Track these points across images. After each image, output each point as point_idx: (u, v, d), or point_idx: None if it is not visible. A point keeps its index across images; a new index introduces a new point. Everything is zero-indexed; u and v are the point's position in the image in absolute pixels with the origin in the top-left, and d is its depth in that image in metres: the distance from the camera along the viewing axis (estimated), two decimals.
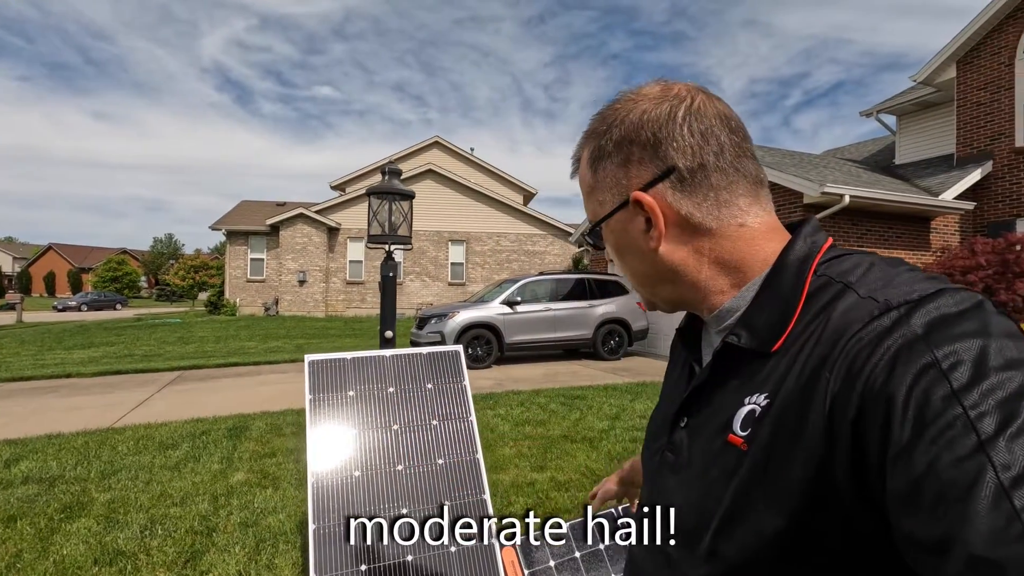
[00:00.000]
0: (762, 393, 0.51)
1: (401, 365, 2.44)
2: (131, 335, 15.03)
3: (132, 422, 5.55)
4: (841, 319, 0.47)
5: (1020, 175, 9.06)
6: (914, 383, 0.39)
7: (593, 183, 0.63)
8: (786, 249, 0.56)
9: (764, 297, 0.55)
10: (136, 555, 2.77)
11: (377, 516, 2.08)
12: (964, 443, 0.36)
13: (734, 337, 0.55)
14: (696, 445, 0.58)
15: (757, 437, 0.50)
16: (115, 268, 51.65)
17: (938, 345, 0.40)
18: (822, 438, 0.45)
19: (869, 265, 0.52)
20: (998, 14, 9.26)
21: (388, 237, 2.44)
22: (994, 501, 0.34)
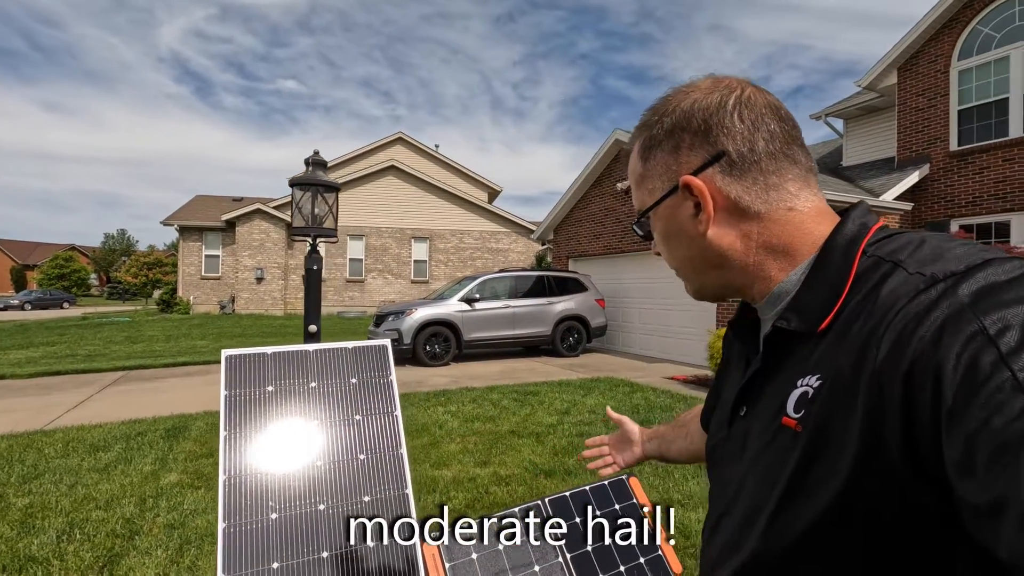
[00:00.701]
0: (814, 375, 0.52)
1: (325, 360, 2.39)
2: (75, 335, 14.39)
3: (65, 424, 5.32)
4: (889, 296, 0.47)
5: (954, 178, 9.52)
6: (962, 350, 0.40)
7: (643, 172, 0.64)
8: (835, 231, 0.56)
9: (813, 279, 0.55)
10: (49, 561, 2.65)
11: (292, 511, 2.04)
12: (1014, 404, 0.36)
13: (783, 321, 0.56)
14: (754, 432, 0.59)
15: (811, 417, 0.50)
16: (62, 265, 49.30)
17: (985, 312, 0.40)
18: (873, 413, 0.45)
19: (920, 242, 0.51)
20: (934, 24, 9.70)
21: (312, 229, 2.40)
22: None
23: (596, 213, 12.37)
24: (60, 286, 46.53)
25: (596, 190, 12.41)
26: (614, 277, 11.98)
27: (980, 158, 9.19)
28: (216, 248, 21.61)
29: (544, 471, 3.87)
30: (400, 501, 2.24)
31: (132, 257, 36.99)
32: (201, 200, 24.35)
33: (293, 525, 2.04)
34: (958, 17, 9.48)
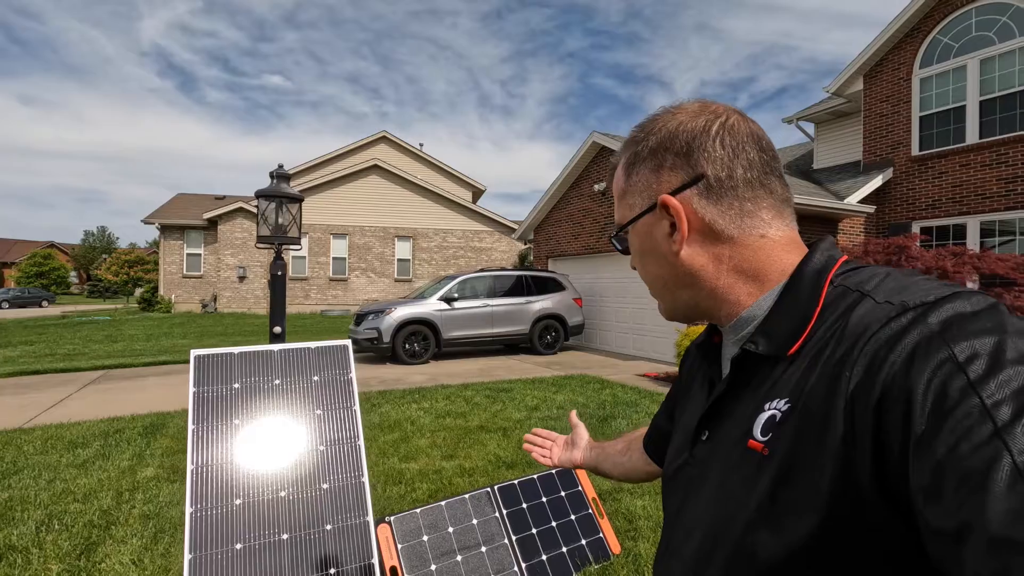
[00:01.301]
0: (782, 398, 0.52)
1: (289, 359, 2.58)
2: (54, 334, 14.32)
3: (44, 422, 5.43)
4: (859, 322, 0.48)
5: (915, 181, 9.89)
6: (932, 376, 0.40)
7: (625, 187, 0.65)
8: (804, 261, 0.58)
9: (782, 305, 0.57)
10: (28, 550, 2.81)
11: (255, 498, 2.23)
12: (981, 431, 0.37)
13: (752, 344, 0.57)
14: (717, 455, 0.59)
15: (778, 441, 0.50)
16: (41, 263, 48.55)
17: (954, 340, 0.41)
18: (844, 438, 0.45)
19: (885, 275, 0.53)
20: (898, 32, 10.05)
21: (276, 238, 2.58)
22: (1011, 483, 0.34)
23: (575, 213, 12.60)
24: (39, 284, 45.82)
25: (575, 191, 12.64)
26: (592, 276, 12.23)
27: (939, 163, 9.56)
28: (198, 247, 21.53)
29: (507, 463, 4.08)
30: (357, 488, 2.45)
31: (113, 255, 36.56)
32: (183, 198, 24.21)
33: (256, 510, 2.25)
34: (920, 27, 9.84)
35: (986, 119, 9.01)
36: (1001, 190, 8.76)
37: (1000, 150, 8.77)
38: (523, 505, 2.73)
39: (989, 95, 8.96)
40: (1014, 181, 8.61)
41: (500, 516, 2.65)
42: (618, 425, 5.21)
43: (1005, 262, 6.87)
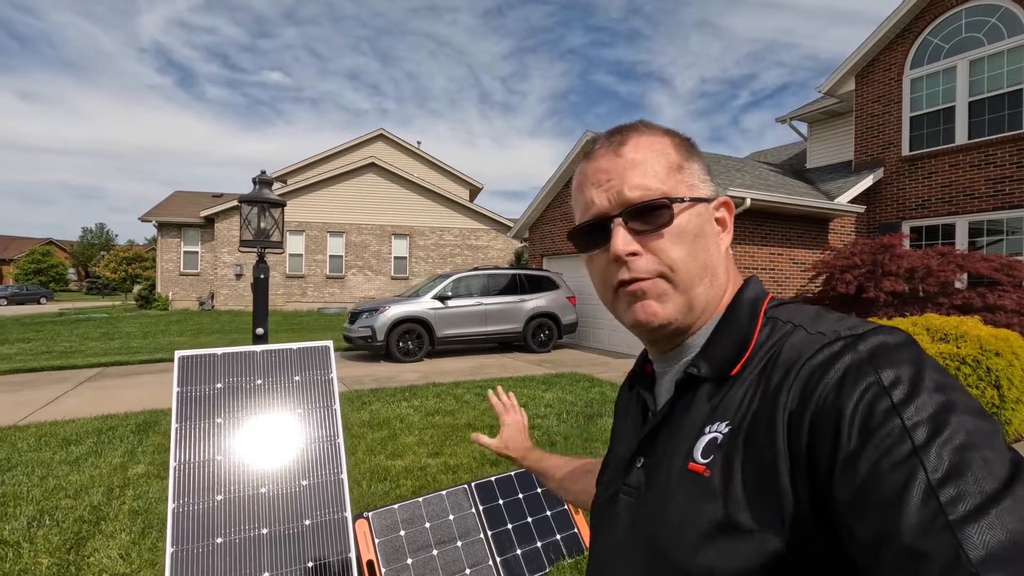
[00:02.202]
0: (723, 421, 0.54)
1: (271, 360, 2.66)
2: (51, 331, 14.39)
3: (39, 420, 5.51)
4: (793, 350, 0.53)
5: (905, 181, 9.97)
6: (860, 397, 0.44)
7: (681, 164, 0.64)
8: (739, 293, 0.64)
9: (722, 333, 0.61)
10: (19, 544, 2.89)
11: (236, 494, 2.31)
12: (901, 449, 0.41)
13: (694, 368, 0.59)
14: (655, 481, 0.60)
15: (719, 463, 0.52)
16: (39, 260, 48.56)
17: (881, 367, 0.45)
18: (783, 459, 0.47)
19: (809, 311, 0.58)
20: (889, 33, 10.11)
21: (259, 242, 2.66)
22: (924, 498, 0.38)
23: (569, 212, 12.62)
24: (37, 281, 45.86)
25: (569, 189, 12.70)
26: (586, 275, 12.27)
27: (929, 163, 9.64)
28: (195, 244, 21.58)
29: (491, 461, 4.16)
30: (336, 484, 2.53)
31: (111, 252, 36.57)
32: (180, 196, 24.26)
33: (237, 506, 2.33)
34: (911, 27, 9.90)
35: (975, 120, 9.09)
36: (989, 190, 8.84)
37: (989, 151, 8.85)
38: (499, 501, 2.82)
39: (978, 96, 9.03)
40: (1002, 182, 8.69)
41: (477, 512, 2.73)
42: (604, 424, 5.30)
43: (989, 262, 6.95)
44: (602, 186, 0.62)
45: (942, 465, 0.39)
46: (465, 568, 2.57)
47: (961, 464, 0.39)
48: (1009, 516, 0.36)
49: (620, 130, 0.65)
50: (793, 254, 9.57)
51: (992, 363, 4.43)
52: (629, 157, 0.62)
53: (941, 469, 0.39)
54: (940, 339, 4.79)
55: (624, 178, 0.61)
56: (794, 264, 9.55)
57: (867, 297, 6.89)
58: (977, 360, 4.46)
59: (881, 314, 6.72)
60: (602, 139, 0.65)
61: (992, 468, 0.39)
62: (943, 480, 0.38)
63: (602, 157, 0.63)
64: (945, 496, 0.38)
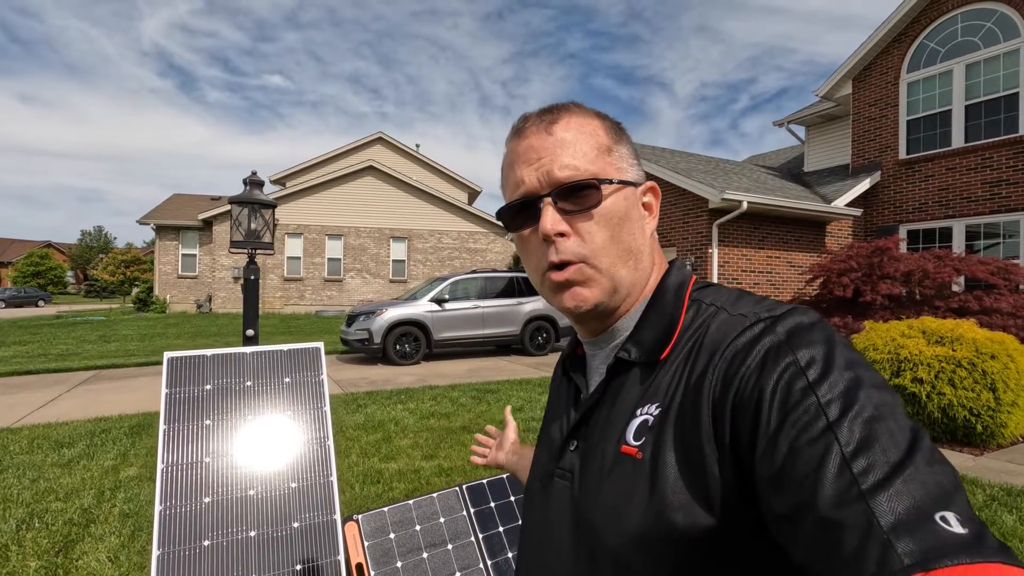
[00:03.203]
0: (653, 403, 0.56)
1: (261, 361, 2.65)
2: (48, 334, 14.35)
3: (33, 422, 5.48)
4: (717, 332, 0.55)
5: (902, 185, 9.98)
6: (779, 377, 0.46)
7: (610, 145, 0.64)
8: (664, 277, 0.65)
9: (650, 317, 0.62)
10: (8, 547, 2.87)
11: (224, 496, 2.30)
12: (817, 425, 0.43)
13: (625, 353, 0.61)
14: (589, 464, 0.60)
15: (651, 445, 0.53)
16: (38, 262, 48.51)
17: (797, 348, 0.48)
18: (709, 440, 0.49)
19: (730, 293, 0.61)
20: (885, 37, 10.14)
21: (249, 243, 2.64)
22: (839, 470, 0.40)
23: None
24: (36, 284, 45.80)
25: None
26: None
27: (926, 166, 9.66)
28: (193, 247, 21.57)
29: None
30: (325, 487, 2.51)
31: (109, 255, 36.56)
32: (178, 199, 24.25)
33: (225, 508, 2.31)
34: (907, 32, 9.93)
35: (971, 123, 9.11)
36: (986, 193, 8.85)
37: (985, 154, 8.86)
38: (491, 504, 2.80)
39: (974, 100, 9.06)
40: (998, 185, 8.70)
41: (468, 514, 2.72)
42: None
43: (986, 265, 6.95)
44: (532, 164, 0.61)
45: (854, 438, 0.41)
46: (455, 571, 2.55)
47: (870, 436, 0.41)
48: (913, 483, 0.38)
49: (552, 109, 0.64)
50: (790, 257, 9.58)
51: (988, 366, 4.42)
52: (559, 136, 0.61)
53: (853, 442, 0.41)
54: (936, 342, 4.78)
55: (554, 157, 0.60)
56: (791, 267, 9.55)
57: (864, 300, 6.89)
58: (973, 363, 4.45)
59: (878, 316, 6.71)
60: (533, 117, 0.64)
61: (895, 438, 0.41)
62: (855, 452, 0.40)
63: (533, 135, 0.62)
64: (857, 467, 0.39)
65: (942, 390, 4.46)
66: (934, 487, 0.38)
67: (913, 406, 4.60)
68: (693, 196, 9.09)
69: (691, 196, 9.13)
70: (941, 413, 4.51)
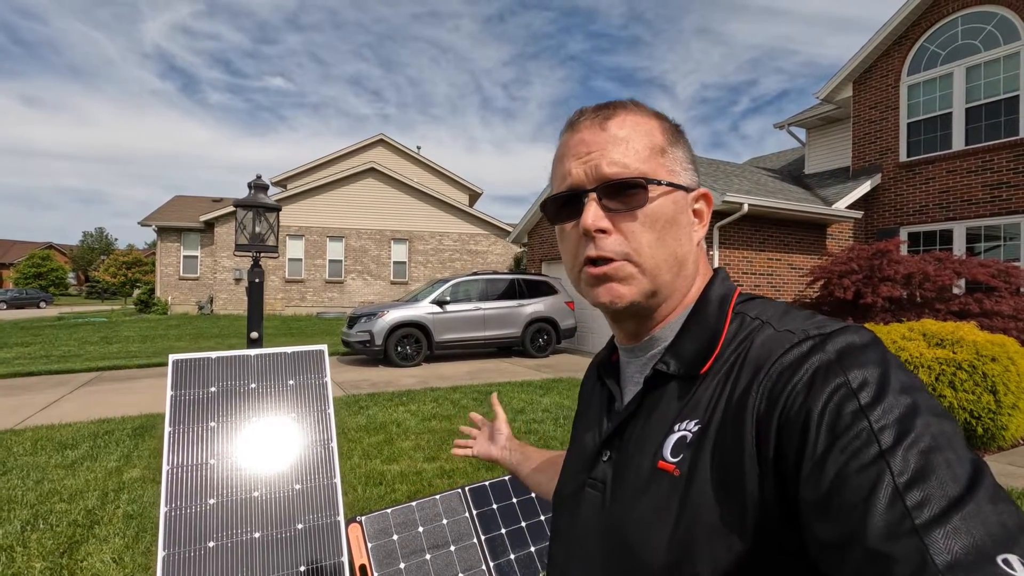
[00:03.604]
0: (692, 419, 0.54)
1: (265, 363, 2.67)
2: (50, 335, 14.38)
3: (36, 424, 5.50)
4: (762, 347, 0.52)
5: (903, 187, 10.00)
6: (829, 399, 0.44)
7: (664, 147, 0.62)
8: (708, 287, 0.63)
9: (691, 328, 0.60)
10: (13, 548, 2.89)
11: (228, 498, 2.31)
12: (868, 452, 0.41)
13: (663, 365, 0.58)
14: (623, 477, 0.59)
15: (689, 462, 0.52)
16: (39, 264, 48.59)
17: (849, 368, 0.45)
18: (751, 460, 0.47)
19: (781, 307, 0.58)
20: (886, 40, 10.16)
21: (254, 246, 2.67)
22: (890, 501, 0.38)
23: None
24: (37, 285, 45.86)
25: None
26: None
27: (926, 169, 9.67)
28: (195, 249, 21.61)
29: (487, 466, 4.15)
30: (329, 489, 2.53)
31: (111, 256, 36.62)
32: (180, 200, 24.31)
33: (229, 510, 2.33)
34: (908, 34, 9.95)
35: (972, 126, 9.12)
36: (986, 196, 8.86)
37: (985, 157, 8.88)
38: (494, 506, 2.81)
39: (975, 102, 9.07)
40: (999, 187, 8.72)
41: (470, 516, 2.73)
42: None
43: (987, 268, 6.96)
44: (581, 158, 0.61)
45: (908, 468, 0.39)
46: (458, 572, 2.56)
47: (926, 467, 0.39)
48: (973, 521, 0.36)
49: (609, 105, 0.63)
50: (791, 259, 9.59)
51: (988, 368, 4.43)
52: (613, 132, 0.60)
53: (907, 472, 0.39)
54: (936, 344, 4.79)
55: (604, 153, 0.59)
56: (792, 269, 9.57)
57: (865, 302, 6.90)
58: (973, 365, 4.47)
59: (878, 319, 6.73)
60: (589, 112, 0.63)
61: (955, 471, 0.39)
62: (909, 483, 0.38)
63: (586, 129, 0.61)
64: (911, 500, 0.38)
65: (942, 392, 4.48)
66: (997, 527, 0.36)
67: None
68: None
69: None
70: None
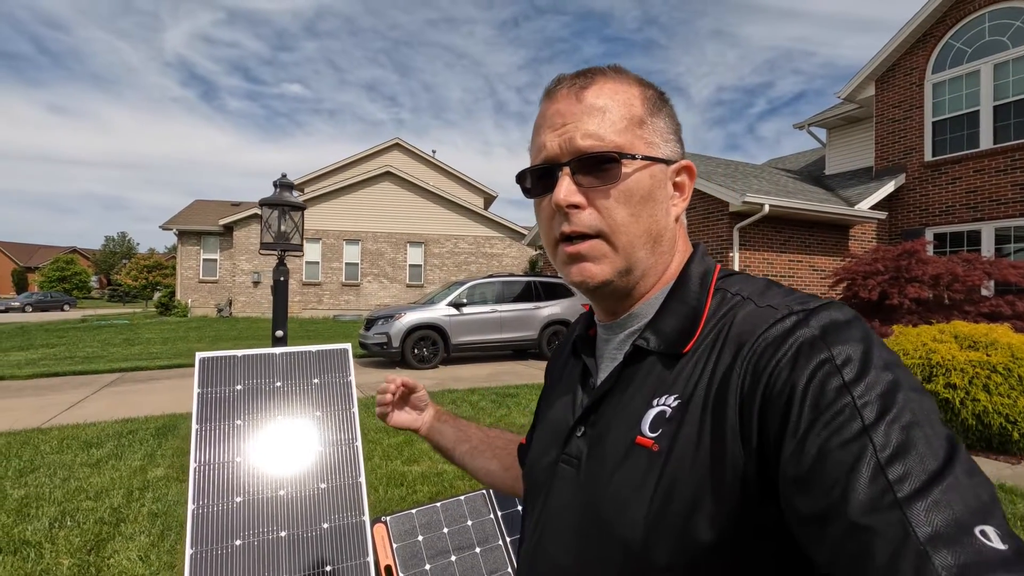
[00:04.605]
0: (672, 395, 0.53)
1: (290, 362, 2.66)
2: (74, 337, 14.65)
3: (62, 423, 5.58)
4: (744, 323, 0.51)
5: (928, 187, 9.79)
6: (813, 374, 0.44)
7: (643, 117, 0.59)
8: (688, 263, 0.62)
9: (672, 305, 0.58)
10: (41, 544, 2.91)
11: (255, 496, 2.31)
12: (851, 427, 0.41)
13: (643, 341, 0.57)
14: (598, 452, 0.57)
15: (669, 437, 0.51)
16: (64, 267, 49.67)
17: (832, 344, 0.45)
18: (734, 436, 0.47)
19: (762, 283, 0.57)
20: (909, 38, 9.99)
21: (279, 244, 2.67)
22: (873, 475, 0.38)
23: None
24: (61, 288, 46.86)
25: None
26: None
27: (953, 168, 9.46)
28: (214, 252, 21.91)
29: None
30: (354, 488, 2.51)
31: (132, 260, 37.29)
32: (200, 205, 24.68)
33: (256, 508, 2.32)
34: (932, 32, 9.77)
35: (1000, 124, 8.92)
36: (1016, 196, 8.65)
37: (1015, 155, 8.67)
38: (518, 508, 2.77)
39: (1003, 100, 8.87)
40: None
41: (495, 518, 2.70)
42: None
43: (1017, 269, 6.78)
44: (556, 130, 0.58)
45: (890, 443, 0.39)
46: (484, 575, 2.53)
47: (907, 442, 0.39)
48: (951, 494, 0.37)
49: (587, 72, 0.60)
50: (813, 261, 9.44)
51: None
52: (589, 102, 0.58)
53: (889, 447, 0.39)
54: (969, 346, 4.66)
55: (579, 125, 0.57)
56: (814, 271, 9.41)
57: (891, 304, 6.75)
58: (1008, 368, 4.33)
59: (905, 321, 6.58)
60: (567, 79, 0.60)
61: (933, 446, 0.39)
62: (891, 458, 0.39)
63: (563, 99, 0.59)
64: (893, 474, 0.38)
65: (976, 396, 4.35)
66: (974, 500, 0.37)
67: (946, 412, 4.49)
68: (713, 199, 9.01)
69: (711, 199, 9.05)
70: (976, 420, 4.39)
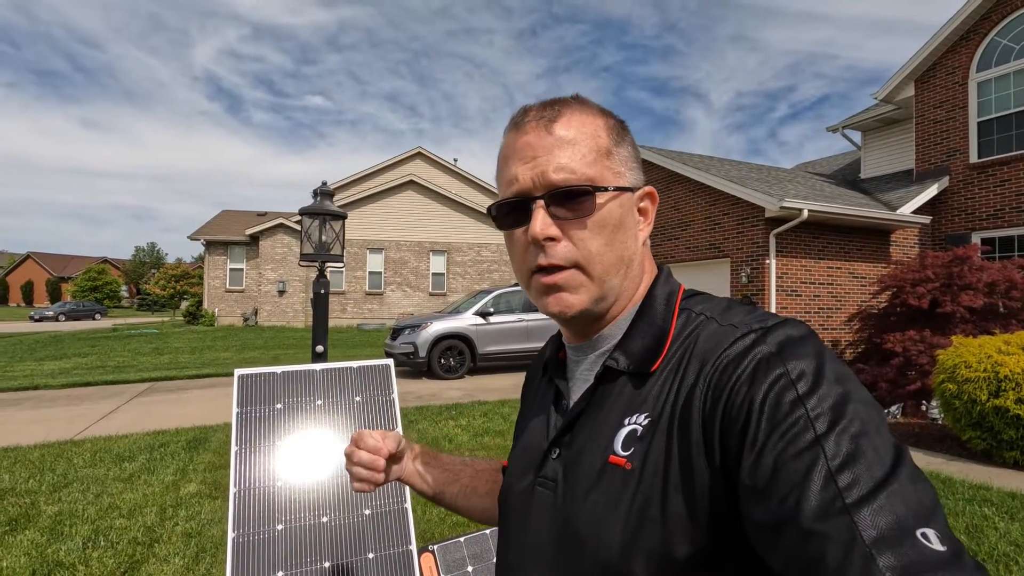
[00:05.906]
0: (642, 413, 0.55)
1: (331, 378, 2.53)
2: (105, 346, 14.89)
3: (94, 434, 5.56)
4: (708, 341, 0.54)
5: (974, 190, 9.38)
6: (770, 389, 0.46)
7: (610, 148, 0.61)
8: (653, 285, 0.64)
9: (639, 326, 0.61)
10: (75, 566, 2.82)
11: (296, 523, 2.17)
12: (805, 438, 0.43)
13: (613, 361, 0.59)
14: (573, 473, 0.59)
15: (641, 456, 0.53)
16: (95, 277, 50.94)
17: (788, 360, 0.48)
18: (699, 451, 0.49)
19: (724, 302, 0.60)
20: (951, 36, 9.62)
21: (320, 255, 2.55)
22: (824, 483, 0.40)
23: None
24: (93, 298, 48.03)
25: None
26: None
27: (1001, 170, 9.05)
28: (240, 262, 22.16)
29: None
30: (400, 515, 2.35)
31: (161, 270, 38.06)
32: (227, 215, 25.03)
33: (298, 536, 2.18)
34: (976, 29, 9.39)
35: None
36: None
37: None
38: None
39: None
40: None
41: None
42: None
43: None
44: (527, 163, 0.59)
45: (840, 452, 0.42)
46: None
47: (856, 451, 0.42)
48: (895, 499, 0.39)
49: (554, 104, 0.61)
50: (852, 268, 9.08)
51: None
52: (559, 134, 0.58)
53: (840, 456, 0.42)
54: None
55: (551, 158, 0.58)
56: (854, 278, 9.06)
57: (943, 312, 6.42)
58: None
59: (958, 330, 6.23)
60: (534, 112, 0.61)
61: (880, 454, 0.42)
62: (841, 466, 0.41)
63: (532, 131, 0.59)
64: (843, 481, 0.40)
65: None
66: (916, 504, 0.39)
67: (1018, 429, 4.18)
68: (747, 205, 8.74)
69: (745, 205, 8.78)
70: None
